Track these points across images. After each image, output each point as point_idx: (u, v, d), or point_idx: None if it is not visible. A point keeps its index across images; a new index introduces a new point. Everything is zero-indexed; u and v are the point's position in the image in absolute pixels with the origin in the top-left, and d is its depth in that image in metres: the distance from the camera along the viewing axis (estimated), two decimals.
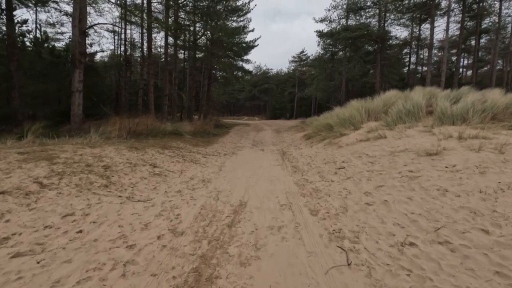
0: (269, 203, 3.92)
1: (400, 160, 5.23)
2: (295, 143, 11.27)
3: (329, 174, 5.46)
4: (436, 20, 20.14)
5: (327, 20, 22.89)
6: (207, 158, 7.52)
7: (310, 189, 4.59)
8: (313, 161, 6.90)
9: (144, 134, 10.39)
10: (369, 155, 6.10)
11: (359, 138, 7.68)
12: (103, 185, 3.96)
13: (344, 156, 6.60)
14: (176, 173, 5.48)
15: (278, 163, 7.17)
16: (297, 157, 7.80)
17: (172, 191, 4.35)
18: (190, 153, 7.63)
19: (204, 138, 12.56)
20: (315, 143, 9.48)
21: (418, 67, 35.71)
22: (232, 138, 14.21)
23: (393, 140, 6.67)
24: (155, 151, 6.71)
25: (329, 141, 8.62)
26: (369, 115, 9.45)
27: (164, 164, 5.90)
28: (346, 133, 8.53)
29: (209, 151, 8.71)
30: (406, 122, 7.59)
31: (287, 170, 6.22)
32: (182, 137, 10.91)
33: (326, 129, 10.25)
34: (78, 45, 10.47)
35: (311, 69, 42.32)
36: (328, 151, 7.64)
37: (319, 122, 12.16)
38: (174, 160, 6.43)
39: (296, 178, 5.44)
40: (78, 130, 10.37)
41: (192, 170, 5.92)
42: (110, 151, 5.79)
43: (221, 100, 43.22)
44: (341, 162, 6.20)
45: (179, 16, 19.04)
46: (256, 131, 19.80)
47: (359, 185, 4.45)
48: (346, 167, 5.69)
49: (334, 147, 7.83)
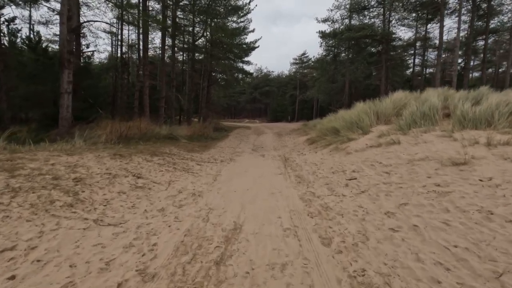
0: (270, 226, 3.20)
1: (422, 171, 4.51)
2: (297, 148, 10.55)
3: (338, 186, 4.74)
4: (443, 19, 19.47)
5: (329, 20, 22.27)
6: (201, 165, 6.82)
7: (319, 206, 3.87)
8: (319, 170, 6.18)
9: (135, 139, 9.70)
10: (383, 164, 5.38)
11: (369, 143, 6.97)
12: (67, 204, 3.25)
13: (354, 165, 5.88)
14: (163, 185, 4.77)
15: (280, 171, 6.45)
16: (301, 164, 7.08)
17: (153, 209, 3.63)
18: (183, 160, 6.93)
19: (201, 142, 11.86)
20: (320, 149, 8.77)
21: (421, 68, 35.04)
22: (231, 142, 13.52)
23: (408, 146, 5.95)
24: (143, 159, 6.01)
25: (336, 147, 7.90)
26: (378, 118, 8.73)
27: (151, 174, 5.19)
28: (354, 138, 7.82)
29: (204, 158, 8.00)
30: (422, 126, 6.87)
31: (290, 181, 5.50)
32: (177, 142, 10.22)
33: (331, 133, 9.53)
34: (66, 44, 9.83)
35: (313, 71, 41.72)
36: (335, 158, 6.92)
37: (323, 125, 11.45)
38: (163, 169, 5.72)
39: (301, 191, 4.72)
40: (66, 134, 9.71)
41: (183, 181, 5.21)
42: (89, 159, 5.09)
43: (221, 103, 42.59)
44: (351, 171, 5.48)
45: (177, 15, 18.45)
46: (256, 134, 19.11)
47: (377, 202, 3.72)
48: (358, 178, 4.97)
49: (342, 154, 7.11)
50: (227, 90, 37.04)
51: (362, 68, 25.30)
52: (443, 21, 14.86)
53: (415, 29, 26.50)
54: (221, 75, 30.30)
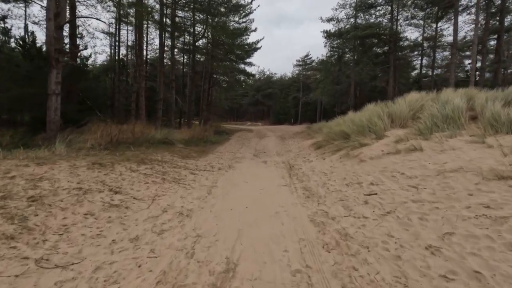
0: (274, 266, 2.40)
1: (458, 185, 3.69)
2: (303, 153, 9.74)
3: (356, 203, 3.93)
4: (453, 17, 18.65)
5: (334, 19, 21.51)
6: (195, 175, 6.03)
7: (335, 232, 3.06)
8: (329, 181, 5.37)
9: (127, 144, 8.96)
10: (406, 175, 4.56)
11: (386, 149, 6.15)
12: (7, 236, 2.48)
13: (371, 175, 5.07)
14: (145, 202, 3.98)
15: (285, 182, 5.65)
16: (308, 173, 6.27)
17: (125, 238, 2.85)
18: (175, 169, 6.15)
19: (199, 147, 11.09)
20: (328, 154, 7.95)
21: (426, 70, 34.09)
22: (231, 147, 12.75)
23: (434, 154, 5.13)
24: (127, 168, 5.24)
25: (346, 153, 7.09)
26: (392, 121, 7.91)
27: (133, 187, 4.41)
28: (367, 143, 7.00)
29: (200, 165, 7.22)
30: (445, 130, 6.04)
31: (297, 195, 4.69)
32: (172, 147, 9.46)
33: (340, 137, 8.72)
34: (53, 42, 9.14)
35: (316, 73, 40.94)
36: (347, 166, 6.10)
37: (331, 128, 10.64)
38: (150, 180, 4.94)
39: (311, 209, 3.91)
40: (54, 138, 9.00)
41: (171, 196, 4.42)
42: (61, 170, 4.33)
43: (223, 105, 41.93)
44: (368, 184, 4.67)
45: (176, 14, 17.80)
46: (258, 137, 18.33)
47: (411, 229, 2.91)
48: (379, 193, 4.15)
49: (354, 161, 6.29)
50: (229, 92, 36.40)
51: (367, 69, 24.48)
52: (457, 17, 14.05)
53: (423, 28, 25.66)
54: (222, 77, 29.64)
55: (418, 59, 29.85)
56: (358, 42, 20.86)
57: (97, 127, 10.24)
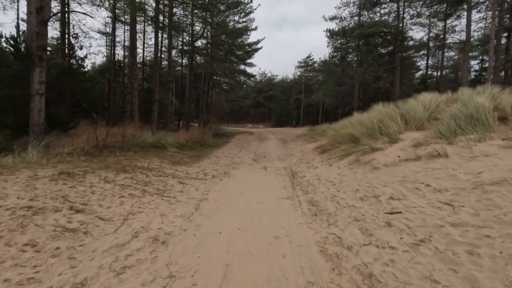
0: None
1: (507, 203, 2.90)
2: (306, 158, 8.96)
3: (376, 225, 3.15)
4: (462, 15, 17.89)
5: (337, 18, 20.77)
6: (185, 184, 5.26)
7: (355, 272, 2.28)
8: (339, 192, 4.59)
9: (115, 148, 8.21)
10: (434, 188, 3.77)
11: (403, 155, 5.35)
12: None
13: (389, 186, 4.28)
14: (113, 223, 3.21)
15: (287, 193, 4.87)
16: (314, 182, 5.49)
17: (68, 283, 2.08)
18: (161, 178, 5.38)
19: (194, 151, 10.34)
20: (335, 160, 7.16)
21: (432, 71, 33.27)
22: (230, 150, 11.98)
23: (463, 161, 4.34)
24: (101, 178, 4.48)
25: (356, 159, 6.29)
26: (406, 123, 7.12)
27: (102, 203, 3.65)
28: (379, 148, 6.20)
29: (192, 172, 6.45)
30: (472, 132, 5.25)
31: (301, 211, 3.91)
32: (163, 151, 8.70)
33: (347, 140, 7.93)
34: (35, 37, 8.45)
35: (318, 74, 40.19)
36: (359, 175, 5.31)
37: (336, 131, 9.86)
38: (126, 193, 4.18)
39: (320, 232, 3.13)
40: (36, 142, 8.27)
41: (148, 214, 3.65)
42: (16, 182, 3.57)
43: (223, 107, 41.24)
44: (388, 198, 3.88)
45: (173, 13, 17.13)
46: (259, 140, 17.56)
47: (462, 271, 2.12)
48: (403, 211, 3.36)
49: (367, 169, 5.50)
50: (229, 94, 35.69)
51: (372, 70, 23.70)
52: (470, 13, 13.25)
53: (428, 28, 24.88)
54: (223, 78, 28.96)
55: (423, 59, 29.12)
56: (362, 41, 20.09)
57: (85, 130, 9.52)
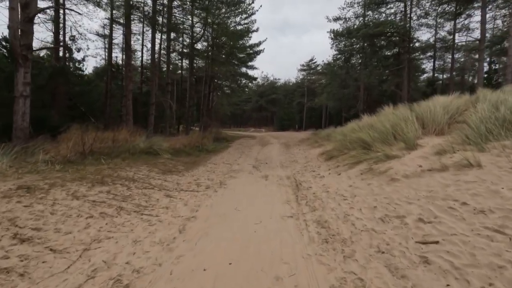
0: None
1: None
2: (311, 165, 8.22)
3: (409, 261, 2.40)
4: (473, 14, 17.18)
5: (341, 19, 20.13)
6: (172, 198, 4.55)
7: None
8: (353, 210, 3.85)
9: (102, 154, 7.55)
10: (473, 207, 3.03)
11: (426, 165, 4.61)
12: None
13: (413, 203, 3.54)
14: (67, 256, 2.50)
15: (290, 209, 4.14)
16: (321, 195, 4.75)
17: None
18: (145, 190, 4.68)
19: (191, 157, 9.65)
20: (344, 168, 6.43)
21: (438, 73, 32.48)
22: (229, 156, 11.28)
23: (502, 173, 3.59)
24: (69, 193, 3.78)
25: (369, 167, 5.55)
26: (423, 127, 6.38)
27: (61, 227, 2.94)
28: (395, 155, 5.46)
29: (183, 182, 5.75)
30: (508, 138, 4.50)
31: (308, 236, 3.18)
32: (155, 158, 8.01)
33: (356, 146, 7.20)
34: (19, 35, 7.86)
35: (321, 77, 39.56)
36: (374, 187, 4.57)
37: (343, 135, 9.12)
38: (97, 211, 3.47)
39: (335, 271, 2.40)
40: (21, 147, 7.65)
41: (119, 240, 2.94)
42: None
43: (225, 111, 40.66)
44: (416, 219, 3.14)
45: (173, 13, 16.59)
46: (261, 145, 16.85)
47: None
48: (439, 240, 2.62)
49: (383, 180, 4.76)
50: (231, 97, 35.10)
51: (377, 72, 22.98)
52: (485, 9, 12.54)
53: (435, 29, 24.19)
54: (224, 81, 28.40)
55: (429, 61, 28.39)
56: (367, 43, 19.42)
57: (74, 135, 8.88)
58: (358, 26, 17.13)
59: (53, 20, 13.52)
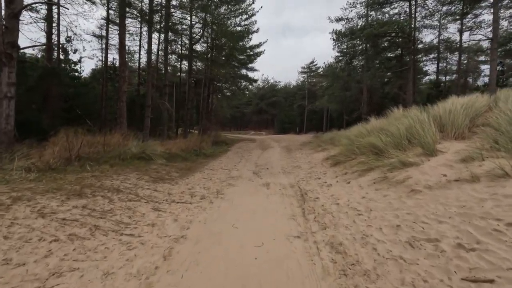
0: None
1: None
2: (316, 171, 7.64)
3: None
4: (480, 13, 16.67)
5: (344, 19, 19.64)
6: (161, 212, 3.97)
7: None
8: (371, 228, 3.26)
9: (90, 160, 6.97)
10: None
11: (451, 174, 4.02)
12: None
13: (444, 222, 2.95)
14: None
15: (297, 228, 3.55)
16: (331, 208, 4.16)
17: None
18: (130, 203, 4.09)
19: (187, 162, 9.06)
20: (353, 175, 5.84)
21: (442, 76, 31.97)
22: (228, 161, 10.70)
23: None
24: (35, 210, 3.19)
25: (383, 176, 4.97)
26: (441, 130, 5.80)
27: (12, 257, 2.36)
28: (412, 162, 4.87)
29: (176, 192, 5.16)
30: None
31: (321, 266, 2.58)
32: (148, 164, 7.43)
33: (366, 150, 6.62)
34: (4, 32, 7.33)
35: (322, 80, 39.07)
36: (392, 200, 3.98)
37: (350, 138, 8.53)
38: (65, 233, 2.88)
39: None
40: (6, 153, 7.09)
41: (84, 272, 2.35)
42: None
43: (225, 114, 40.16)
44: (454, 246, 2.55)
45: (171, 13, 16.10)
46: (261, 149, 16.28)
47: None
48: (494, 278, 2.04)
49: (401, 191, 4.17)
50: (231, 100, 34.58)
51: (379, 74, 22.44)
52: (498, 7, 11.99)
53: (438, 30, 23.71)
54: (224, 84, 27.88)
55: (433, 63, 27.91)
56: (370, 44, 18.90)
57: (61, 139, 8.32)
58: (362, 26, 16.63)
59: (46, 19, 13.00)
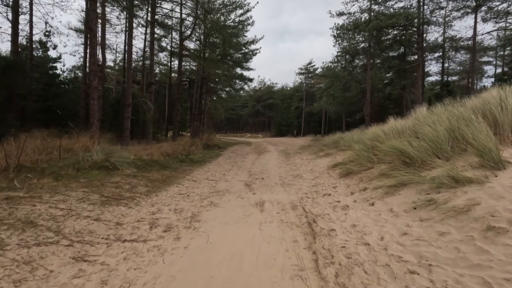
0: None
1: None
2: (322, 183, 6.13)
3: None
4: (495, 5, 15.39)
5: (345, 14, 18.30)
6: (85, 263, 2.42)
7: None
8: None
9: (35, 170, 5.39)
10: None
11: None
12: None
13: None
14: None
15: None
16: (358, 253, 2.64)
17: None
18: (39, 248, 2.55)
19: (166, 170, 7.50)
20: (376, 193, 4.33)
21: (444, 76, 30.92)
22: (217, 168, 9.16)
23: None
24: None
25: (427, 197, 3.46)
26: (494, 133, 4.32)
27: None
28: (471, 178, 3.36)
29: (130, 220, 3.61)
30: None
31: None
32: (110, 174, 5.85)
33: (389, 158, 5.13)
34: None
35: (320, 81, 37.74)
36: (458, 243, 2.47)
37: (364, 142, 7.04)
38: None
39: None
40: None
41: None
42: None
43: (220, 116, 38.64)
44: None
45: (158, 4, 14.62)
46: (257, 153, 14.76)
47: None
48: None
49: (467, 226, 2.65)
50: (226, 102, 33.06)
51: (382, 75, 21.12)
52: None
53: (443, 28, 22.53)
54: (219, 85, 26.41)
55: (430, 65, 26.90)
56: (374, 40, 17.57)
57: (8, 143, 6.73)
58: (367, 19, 15.29)
59: (11, 5, 11.41)
